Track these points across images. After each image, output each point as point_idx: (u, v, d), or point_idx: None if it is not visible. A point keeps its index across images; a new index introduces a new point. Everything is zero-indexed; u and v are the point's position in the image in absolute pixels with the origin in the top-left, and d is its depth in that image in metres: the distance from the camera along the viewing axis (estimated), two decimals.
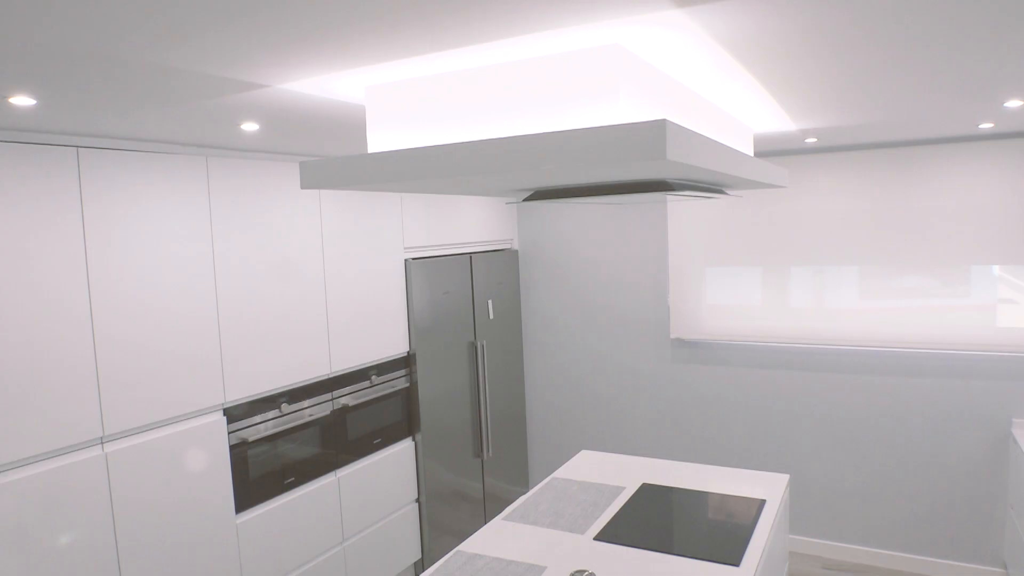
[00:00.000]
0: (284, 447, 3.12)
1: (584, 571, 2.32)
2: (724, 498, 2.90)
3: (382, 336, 3.62)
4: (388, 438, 3.69)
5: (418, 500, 3.89)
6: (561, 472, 3.23)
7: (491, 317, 4.41)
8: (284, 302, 3.10)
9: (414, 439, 3.85)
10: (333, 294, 3.34)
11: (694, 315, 4.23)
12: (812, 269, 3.94)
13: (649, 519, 2.70)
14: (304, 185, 1.74)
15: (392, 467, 3.70)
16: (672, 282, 4.28)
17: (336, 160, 1.67)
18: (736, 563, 2.34)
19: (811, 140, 3.41)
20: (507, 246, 4.70)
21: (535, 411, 4.87)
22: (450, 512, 4.07)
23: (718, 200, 4.13)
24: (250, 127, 2.36)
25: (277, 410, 3.09)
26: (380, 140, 1.78)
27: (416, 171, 1.56)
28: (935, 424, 3.77)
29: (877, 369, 3.86)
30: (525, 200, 2.31)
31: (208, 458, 2.79)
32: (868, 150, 3.76)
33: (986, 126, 3.10)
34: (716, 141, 1.65)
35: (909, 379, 3.80)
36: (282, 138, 2.65)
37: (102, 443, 2.45)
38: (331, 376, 3.36)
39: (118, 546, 2.48)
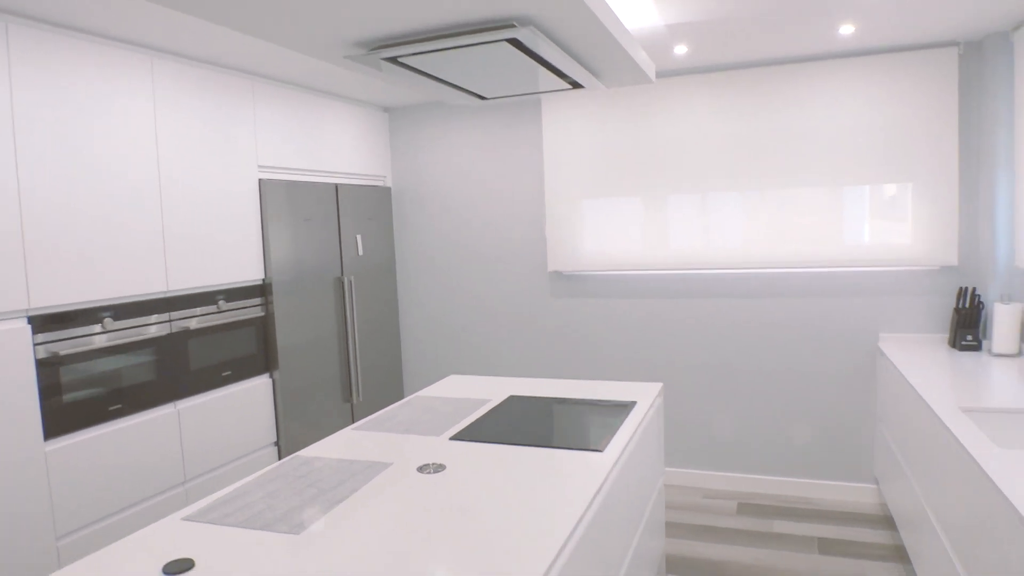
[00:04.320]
0: (108, 368, 2.75)
1: (431, 463, 2.10)
2: (594, 402, 2.76)
3: (231, 259, 3.30)
4: (240, 372, 3.36)
5: (277, 443, 3.57)
6: (425, 391, 3.01)
7: (360, 253, 4.14)
8: (107, 206, 2.74)
9: (271, 376, 3.53)
10: (170, 205, 3.00)
11: (572, 248, 4.10)
12: (688, 196, 3.88)
13: (513, 421, 2.51)
14: None
15: (245, 404, 3.37)
16: (549, 215, 4.14)
17: None
18: (600, 449, 2.18)
19: (681, 50, 3.33)
20: (379, 183, 4.44)
21: (411, 354, 4.63)
22: None
23: (592, 119, 4.01)
24: None
25: (99, 325, 2.72)
26: None
27: None
28: (809, 345, 3.78)
29: (753, 292, 3.84)
30: (369, 52, 2.08)
31: (7, 371, 2.40)
32: (741, 70, 3.73)
33: (847, 30, 3.10)
34: None
35: (784, 300, 3.79)
36: None
37: None
38: (169, 295, 3.02)
39: None
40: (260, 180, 3.45)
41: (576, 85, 2.76)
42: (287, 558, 1.52)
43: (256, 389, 3.44)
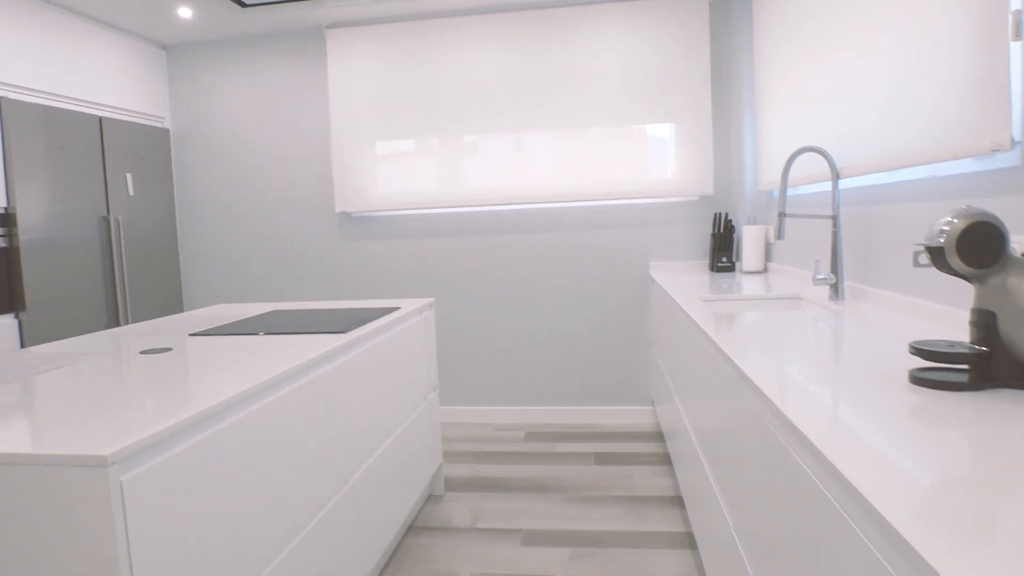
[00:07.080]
0: None
1: (157, 348, 1.98)
2: (357, 309, 2.73)
3: None
4: None
5: None
6: (182, 314, 2.85)
7: (131, 193, 3.86)
8: None
9: (17, 317, 3.21)
10: None
11: (361, 189, 4.06)
12: (476, 136, 3.95)
13: (265, 323, 2.43)
14: None
15: None
16: (336, 156, 4.07)
17: None
18: (343, 331, 2.15)
19: None
20: (157, 124, 4.18)
21: (193, 298, 4.37)
22: None
23: (378, 58, 3.99)
24: None
25: None
26: None
27: None
28: (589, 277, 3.96)
29: (539, 228, 3.97)
30: None
31: None
32: (523, 11, 3.85)
33: None
34: None
35: (564, 235, 3.95)
36: None
37: None
38: None
39: None
40: (0, 98, 3.13)
41: None
42: None
43: None
